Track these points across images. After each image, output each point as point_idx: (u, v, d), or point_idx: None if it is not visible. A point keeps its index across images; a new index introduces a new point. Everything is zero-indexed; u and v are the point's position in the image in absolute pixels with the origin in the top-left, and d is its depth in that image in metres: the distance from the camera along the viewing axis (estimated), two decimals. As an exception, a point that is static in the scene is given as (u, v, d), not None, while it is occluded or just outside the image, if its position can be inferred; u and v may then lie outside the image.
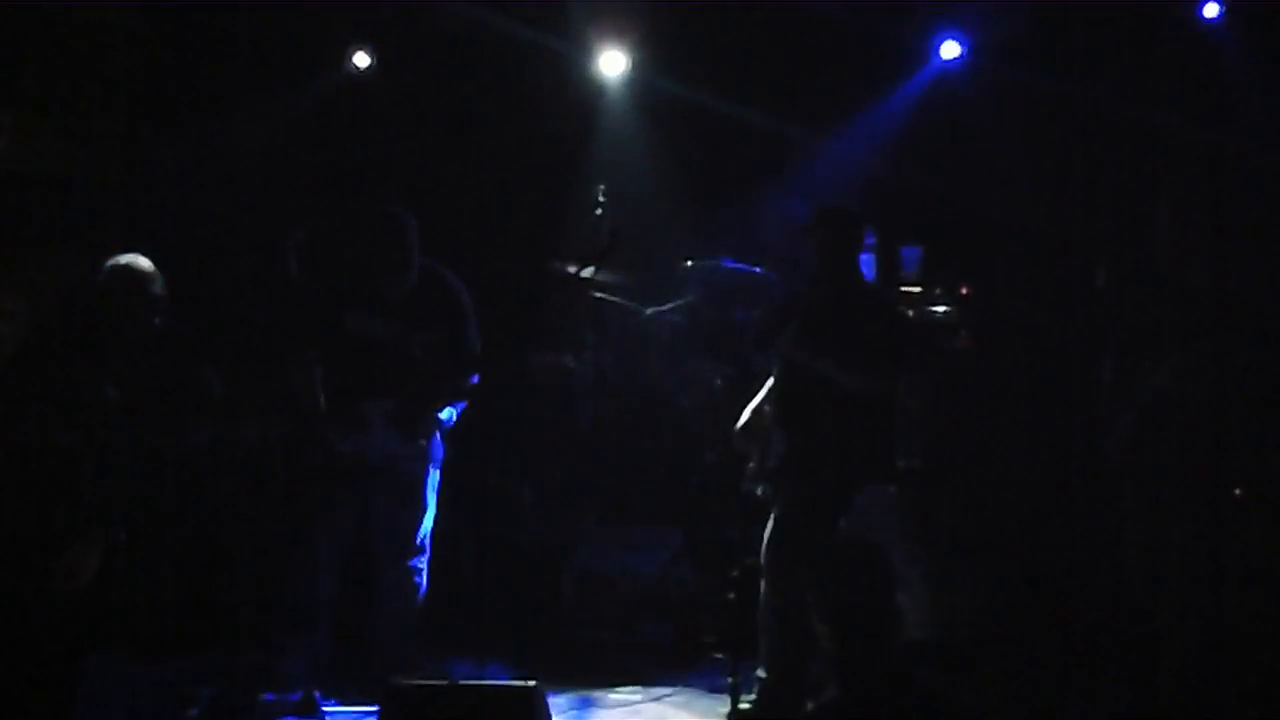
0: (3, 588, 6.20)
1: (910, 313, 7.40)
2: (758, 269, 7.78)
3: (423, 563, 6.42)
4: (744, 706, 6.01)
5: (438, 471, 6.41)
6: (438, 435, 6.37)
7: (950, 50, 8.07)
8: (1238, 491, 5.77)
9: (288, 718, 6.05)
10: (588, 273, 6.89)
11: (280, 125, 8.27)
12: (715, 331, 8.08)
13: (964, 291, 7.67)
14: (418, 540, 6.38)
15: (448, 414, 6.35)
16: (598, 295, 7.83)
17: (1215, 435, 5.52)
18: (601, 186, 7.69)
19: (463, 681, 5.79)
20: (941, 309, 7.68)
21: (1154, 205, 7.29)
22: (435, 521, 6.44)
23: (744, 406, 6.49)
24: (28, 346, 6.68)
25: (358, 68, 8.45)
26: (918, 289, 7.76)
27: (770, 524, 6.19)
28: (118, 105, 8.04)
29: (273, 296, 6.44)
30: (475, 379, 6.40)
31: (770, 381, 6.48)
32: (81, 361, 6.43)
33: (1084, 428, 5.93)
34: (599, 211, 7.64)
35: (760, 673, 6.15)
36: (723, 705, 6.03)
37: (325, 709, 6.09)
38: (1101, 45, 7.81)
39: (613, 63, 8.40)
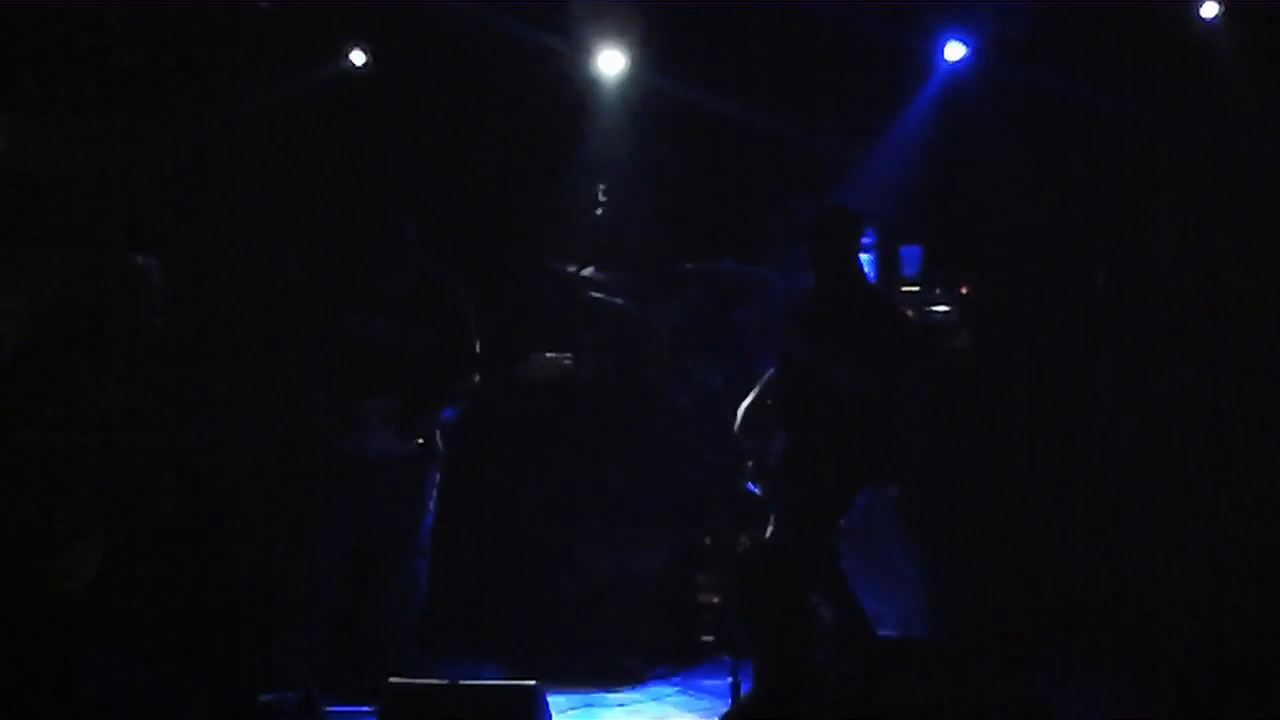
0: (3, 588, 6.21)
1: (910, 313, 7.39)
2: (758, 269, 7.78)
3: (423, 562, 6.41)
4: (744, 706, 6.01)
5: (437, 471, 6.41)
6: (437, 434, 6.37)
7: (954, 52, 8.05)
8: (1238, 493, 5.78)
9: (288, 718, 6.04)
10: (587, 272, 6.91)
11: (279, 125, 8.27)
12: (715, 331, 8.09)
13: (964, 291, 7.67)
14: (417, 539, 6.38)
15: (446, 413, 6.35)
16: (597, 295, 7.84)
17: (1217, 437, 5.51)
18: (602, 186, 7.68)
19: (463, 681, 5.79)
20: (941, 309, 7.68)
21: (1154, 205, 7.30)
22: (435, 521, 6.44)
23: (743, 407, 6.50)
24: (28, 346, 6.69)
25: (355, 66, 8.46)
26: (917, 289, 7.76)
27: (770, 524, 6.19)
28: (118, 105, 8.04)
29: (273, 296, 6.43)
30: (475, 379, 6.39)
31: (765, 379, 6.48)
32: (81, 361, 6.44)
33: (1083, 428, 5.92)
34: (599, 211, 7.64)
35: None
36: (723, 705, 6.02)
37: (325, 709, 6.08)
38: (1101, 45, 7.82)
39: (612, 63, 8.40)
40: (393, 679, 5.60)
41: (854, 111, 8.33)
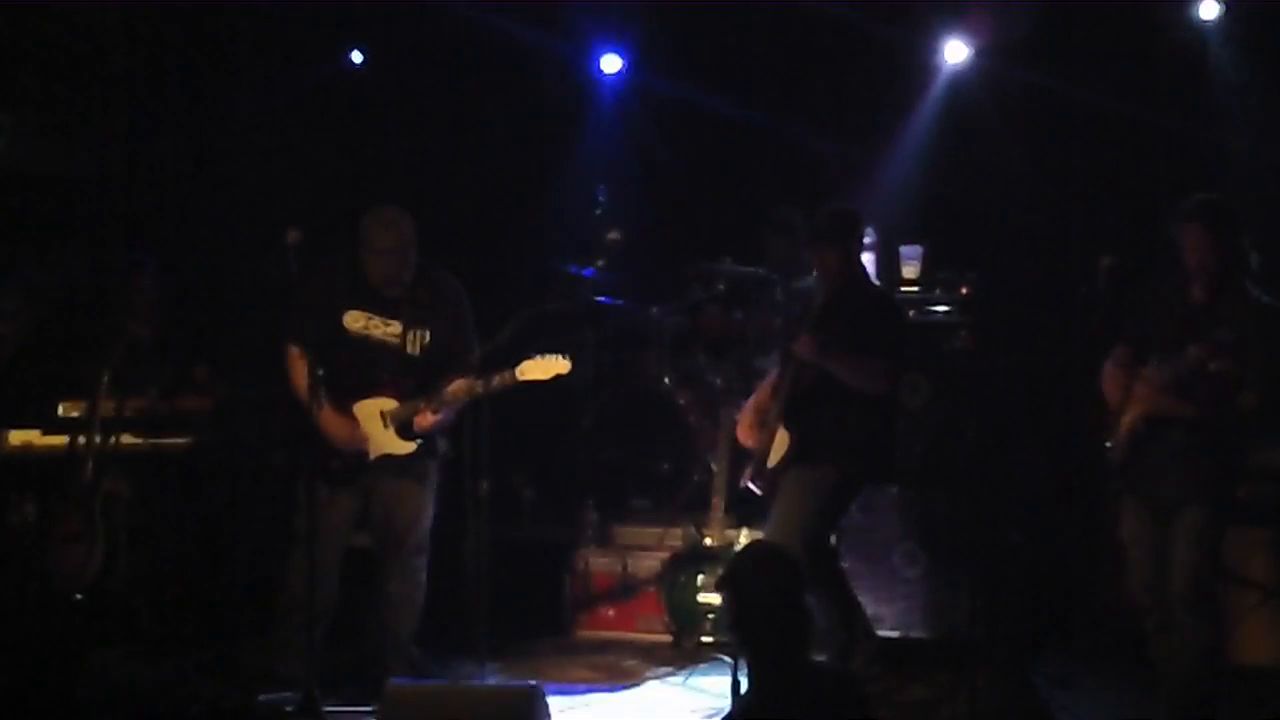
0: (3, 588, 6.22)
1: (910, 313, 7.39)
2: (758, 269, 7.78)
3: (422, 561, 6.41)
4: (744, 706, 6.00)
5: (437, 470, 6.41)
6: (437, 433, 6.37)
7: (956, 53, 8.04)
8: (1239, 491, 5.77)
9: (288, 718, 6.04)
10: (588, 272, 6.90)
11: (279, 125, 8.28)
12: (715, 331, 8.09)
13: (964, 291, 7.67)
14: (417, 539, 6.38)
15: (446, 412, 6.34)
16: (598, 295, 7.84)
17: (1216, 436, 5.51)
18: (602, 186, 7.68)
19: (463, 681, 5.79)
20: (941, 309, 7.68)
21: (1154, 205, 7.30)
22: (435, 521, 6.44)
23: (743, 406, 6.51)
24: (28, 345, 6.70)
25: (355, 66, 8.47)
26: (917, 289, 7.75)
27: (770, 523, 6.19)
28: (118, 105, 8.05)
29: (273, 296, 6.43)
30: (473, 378, 6.37)
31: (767, 379, 6.48)
32: (81, 360, 6.45)
33: (1084, 428, 5.91)
34: (599, 211, 7.64)
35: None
36: (723, 705, 6.02)
37: (325, 709, 6.08)
38: (1101, 45, 7.82)
39: (612, 63, 8.41)
40: (393, 679, 5.60)
41: (855, 112, 8.33)
